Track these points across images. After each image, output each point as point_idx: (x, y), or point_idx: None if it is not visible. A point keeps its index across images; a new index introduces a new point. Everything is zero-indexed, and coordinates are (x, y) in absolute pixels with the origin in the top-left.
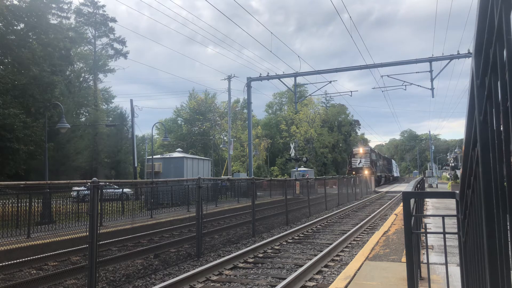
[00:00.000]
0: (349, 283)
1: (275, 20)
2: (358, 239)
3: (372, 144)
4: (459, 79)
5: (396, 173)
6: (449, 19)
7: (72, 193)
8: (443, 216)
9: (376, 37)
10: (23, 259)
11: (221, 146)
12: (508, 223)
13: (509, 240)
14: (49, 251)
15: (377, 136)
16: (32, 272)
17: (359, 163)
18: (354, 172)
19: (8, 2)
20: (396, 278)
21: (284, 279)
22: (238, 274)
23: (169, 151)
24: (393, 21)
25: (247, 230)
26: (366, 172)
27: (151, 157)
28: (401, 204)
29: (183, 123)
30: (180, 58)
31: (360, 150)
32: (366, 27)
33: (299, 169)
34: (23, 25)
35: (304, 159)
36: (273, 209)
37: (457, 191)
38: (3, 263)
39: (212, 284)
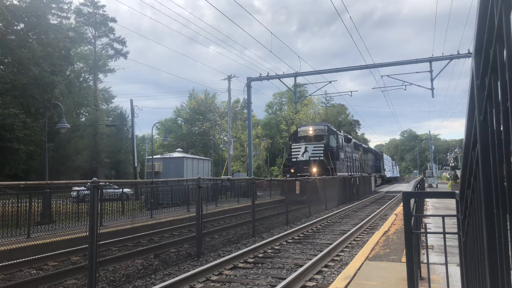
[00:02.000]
0: (349, 283)
1: (277, 20)
2: (358, 239)
3: (372, 144)
4: (459, 79)
5: (391, 173)
6: (449, 19)
7: (72, 193)
8: (443, 216)
9: (379, 37)
10: (23, 259)
11: (221, 146)
12: (508, 223)
13: (509, 240)
14: (49, 251)
15: (377, 136)
16: (32, 272)
17: (303, 154)
18: (293, 170)
19: (8, 2)
20: (396, 278)
21: (284, 279)
22: (238, 274)
23: (169, 151)
24: (396, 21)
25: (247, 230)
26: (314, 169)
27: (151, 157)
28: (401, 204)
29: (183, 123)
30: (182, 58)
31: (309, 130)
32: (369, 27)
33: None
34: (23, 25)
35: None
36: (273, 209)
37: (457, 191)
38: (3, 263)
39: (212, 284)
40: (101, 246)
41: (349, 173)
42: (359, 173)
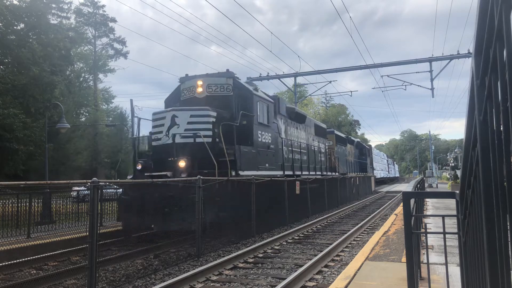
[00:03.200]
0: (349, 283)
1: (278, 20)
2: (358, 239)
3: (372, 144)
4: (459, 79)
5: (385, 172)
6: (449, 19)
7: (72, 193)
8: (443, 216)
9: (380, 37)
10: (23, 259)
11: None
12: (508, 223)
13: (509, 240)
14: (49, 251)
15: (377, 136)
16: (32, 272)
17: (167, 131)
18: (139, 166)
19: (8, 2)
20: (396, 278)
21: (284, 279)
22: (238, 274)
23: None
24: (397, 21)
25: (247, 230)
26: (182, 164)
27: None
28: (401, 204)
29: None
30: (182, 58)
31: (197, 85)
32: (370, 27)
33: None
34: (23, 25)
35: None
36: (273, 209)
37: (457, 191)
38: (3, 263)
39: (212, 284)
40: (101, 246)
41: (293, 173)
42: (320, 172)
